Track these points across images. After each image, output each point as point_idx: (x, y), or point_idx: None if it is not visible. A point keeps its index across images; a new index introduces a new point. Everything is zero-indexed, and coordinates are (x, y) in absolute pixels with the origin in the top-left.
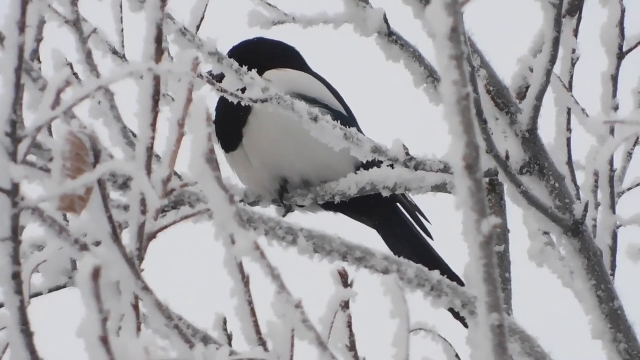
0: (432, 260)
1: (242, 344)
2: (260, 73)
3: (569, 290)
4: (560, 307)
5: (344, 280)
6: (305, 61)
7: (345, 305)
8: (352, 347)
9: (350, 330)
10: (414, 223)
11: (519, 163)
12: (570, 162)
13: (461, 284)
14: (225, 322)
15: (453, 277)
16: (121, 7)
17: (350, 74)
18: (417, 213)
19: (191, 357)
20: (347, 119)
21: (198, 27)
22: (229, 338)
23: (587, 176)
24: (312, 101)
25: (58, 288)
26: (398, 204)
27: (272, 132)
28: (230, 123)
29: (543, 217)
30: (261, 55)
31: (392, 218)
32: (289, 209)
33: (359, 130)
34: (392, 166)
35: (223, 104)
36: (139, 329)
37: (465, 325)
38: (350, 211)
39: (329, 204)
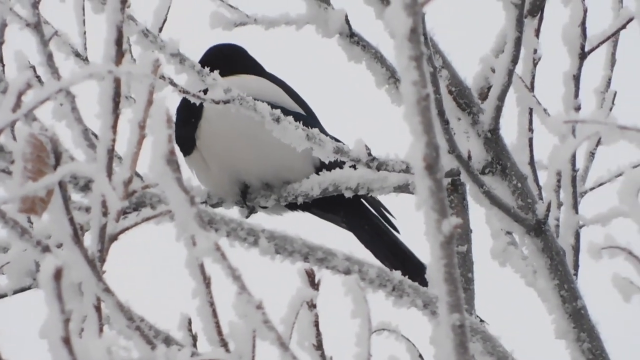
0: (402, 253)
1: (204, 344)
2: None
3: (532, 290)
4: (523, 307)
5: (311, 279)
6: (256, 61)
7: (312, 305)
8: (319, 346)
9: (317, 330)
10: (379, 217)
11: (481, 163)
12: (532, 162)
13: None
14: (190, 323)
15: (423, 268)
16: (83, 9)
17: (313, 75)
18: (381, 208)
19: (153, 358)
20: (306, 119)
21: (160, 29)
22: (194, 339)
23: (550, 176)
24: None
25: (23, 289)
26: (363, 200)
27: (225, 137)
28: (184, 127)
29: (505, 217)
30: (216, 62)
31: (358, 214)
32: (252, 210)
33: (322, 130)
34: (354, 167)
35: (181, 106)
36: (101, 330)
37: None
38: (316, 209)
39: (294, 204)
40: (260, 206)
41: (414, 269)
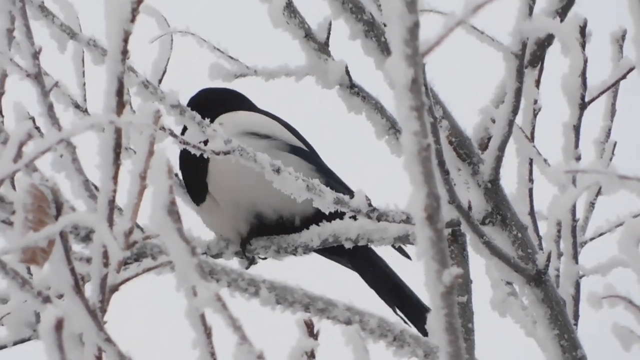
0: (406, 296)
1: None
2: (213, 120)
3: (532, 340)
4: (523, 357)
5: (310, 329)
6: (254, 104)
7: (311, 355)
8: None
9: None
10: (386, 262)
11: (481, 213)
12: (532, 212)
13: None
14: None
15: (427, 312)
16: (83, 60)
17: (313, 125)
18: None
19: None
20: (307, 154)
21: (160, 80)
22: None
23: (550, 226)
24: (265, 138)
25: (23, 341)
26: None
27: (234, 170)
28: (194, 175)
29: (505, 267)
30: (210, 104)
31: (363, 257)
32: (252, 262)
33: (323, 165)
34: (354, 217)
35: (185, 157)
36: None
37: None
38: (322, 251)
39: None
40: (260, 257)
41: (418, 313)
